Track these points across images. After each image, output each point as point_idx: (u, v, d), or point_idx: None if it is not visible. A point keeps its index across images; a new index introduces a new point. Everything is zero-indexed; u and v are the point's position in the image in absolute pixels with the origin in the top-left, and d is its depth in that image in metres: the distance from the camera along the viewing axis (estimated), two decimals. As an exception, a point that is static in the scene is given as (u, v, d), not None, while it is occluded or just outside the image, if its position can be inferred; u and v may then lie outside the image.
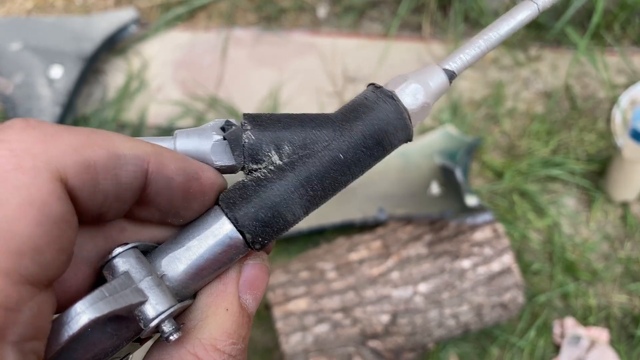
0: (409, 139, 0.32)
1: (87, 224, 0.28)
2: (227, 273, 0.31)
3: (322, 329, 1.20)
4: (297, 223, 0.30)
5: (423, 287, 1.22)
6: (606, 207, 1.50)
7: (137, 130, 1.68)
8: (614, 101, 1.61)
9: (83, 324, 0.25)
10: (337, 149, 0.30)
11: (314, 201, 0.30)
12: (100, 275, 0.29)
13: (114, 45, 1.78)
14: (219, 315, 0.29)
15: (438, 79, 0.32)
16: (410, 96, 0.32)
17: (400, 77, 0.32)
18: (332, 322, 1.20)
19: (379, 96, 0.32)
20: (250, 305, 0.31)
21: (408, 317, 1.21)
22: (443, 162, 1.43)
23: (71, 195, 0.25)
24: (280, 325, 1.19)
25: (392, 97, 0.31)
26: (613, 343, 1.33)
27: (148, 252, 0.30)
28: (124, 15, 1.76)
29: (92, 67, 1.73)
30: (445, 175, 1.40)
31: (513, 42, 1.75)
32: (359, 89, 1.72)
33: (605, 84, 1.66)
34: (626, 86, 1.63)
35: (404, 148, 1.47)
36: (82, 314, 0.25)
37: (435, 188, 1.38)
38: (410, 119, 0.31)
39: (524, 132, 1.61)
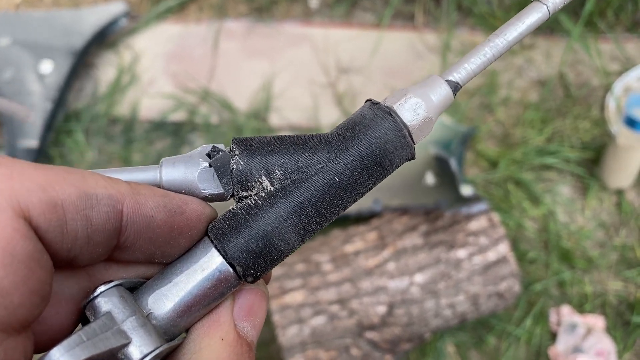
0: (411, 157, 0.30)
1: (60, 268, 0.26)
2: (221, 303, 0.29)
3: (318, 321, 1.19)
4: (292, 252, 0.28)
5: (419, 278, 1.21)
6: (601, 195, 1.50)
7: (129, 124, 1.66)
8: (607, 88, 1.61)
9: None
10: (332, 171, 0.28)
11: (309, 228, 0.28)
12: (84, 314, 0.27)
13: (105, 39, 1.77)
14: (214, 346, 0.27)
15: (440, 92, 0.30)
16: (410, 111, 0.29)
17: (400, 92, 0.30)
18: (328, 314, 1.20)
19: (376, 113, 0.29)
20: (249, 333, 0.29)
21: (404, 307, 1.21)
22: (437, 152, 1.43)
23: (37, 234, 0.23)
24: (277, 318, 1.19)
25: (390, 114, 0.29)
26: (609, 330, 1.33)
27: (136, 288, 0.28)
28: (114, 8, 1.74)
29: (82, 61, 1.71)
30: (440, 165, 1.40)
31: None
32: (353, 79, 1.72)
33: (599, 71, 1.66)
34: (620, 73, 1.63)
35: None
36: None
37: (430, 178, 1.38)
38: (411, 136, 0.29)
39: (518, 121, 1.61)
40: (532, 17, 0.30)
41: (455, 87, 0.30)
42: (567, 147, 1.55)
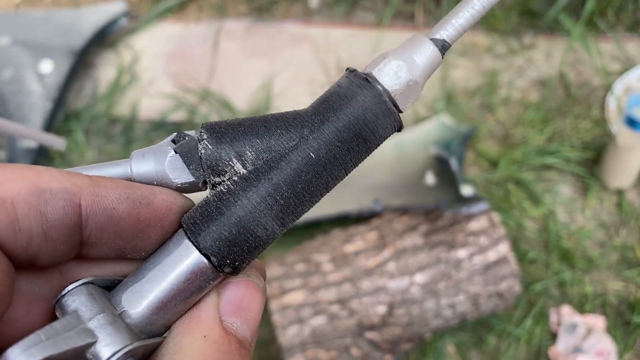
0: (397, 126, 0.27)
1: (23, 269, 0.25)
2: (204, 298, 0.27)
3: (318, 321, 1.19)
4: (274, 238, 0.27)
5: (419, 278, 1.21)
6: (601, 195, 1.50)
7: (129, 124, 1.66)
8: (608, 88, 1.60)
9: None
10: (306, 147, 0.26)
11: (288, 210, 0.26)
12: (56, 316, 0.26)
13: (105, 38, 1.76)
14: (195, 344, 0.25)
15: (425, 52, 0.27)
16: (391, 75, 0.26)
17: (380, 57, 0.27)
18: (328, 314, 1.19)
19: (353, 81, 0.27)
20: (239, 329, 0.27)
21: (405, 307, 1.21)
22: (438, 152, 1.42)
23: None
24: (276, 318, 1.19)
25: (366, 80, 0.27)
26: (609, 330, 1.33)
27: (113, 287, 0.27)
28: (114, 8, 1.74)
29: (82, 61, 1.71)
30: (440, 165, 1.40)
31: (507, 30, 1.75)
32: (353, 79, 1.71)
33: (599, 71, 1.66)
34: (620, 73, 1.63)
35: (398, 138, 1.46)
36: None
37: (430, 178, 1.38)
38: (394, 102, 0.27)
39: (519, 121, 1.61)
40: None
41: (443, 46, 0.27)
42: (568, 147, 1.55)
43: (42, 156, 1.57)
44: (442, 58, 0.27)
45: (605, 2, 1.68)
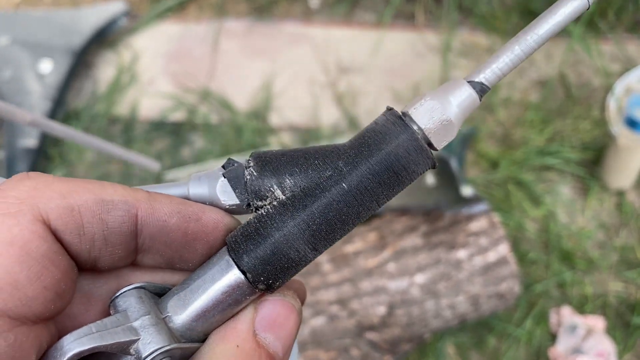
0: (430, 163, 0.29)
1: (91, 270, 0.28)
2: (242, 312, 0.29)
3: (318, 321, 1.19)
4: (306, 261, 0.28)
5: (419, 278, 1.21)
6: (601, 195, 1.50)
7: (129, 124, 1.66)
8: (608, 89, 1.60)
9: (66, 357, 0.25)
10: (339, 178, 0.28)
11: (319, 236, 0.28)
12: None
13: (104, 38, 1.76)
14: (229, 352, 0.28)
15: (461, 94, 0.28)
16: (425, 115, 0.28)
17: (419, 97, 0.29)
18: (328, 314, 1.19)
19: (389, 118, 0.29)
20: (272, 344, 0.29)
21: (404, 308, 1.20)
22: (438, 153, 1.42)
23: (56, 237, 0.26)
24: (276, 318, 1.19)
25: (401, 118, 0.28)
26: (609, 331, 1.33)
27: (163, 294, 0.30)
28: (114, 7, 1.74)
29: (82, 60, 1.71)
30: (441, 166, 1.40)
31: (506, 30, 1.74)
32: (353, 79, 1.71)
33: (599, 71, 1.66)
34: (620, 74, 1.62)
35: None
36: (67, 347, 0.25)
37: (430, 178, 1.37)
38: (428, 141, 0.28)
39: (519, 121, 1.61)
40: (567, 8, 0.27)
41: (481, 89, 0.28)
42: (568, 147, 1.54)
43: (41, 156, 1.56)
44: (480, 100, 0.29)
45: (606, 3, 1.68)
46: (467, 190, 1.29)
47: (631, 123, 1.39)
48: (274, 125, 1.65)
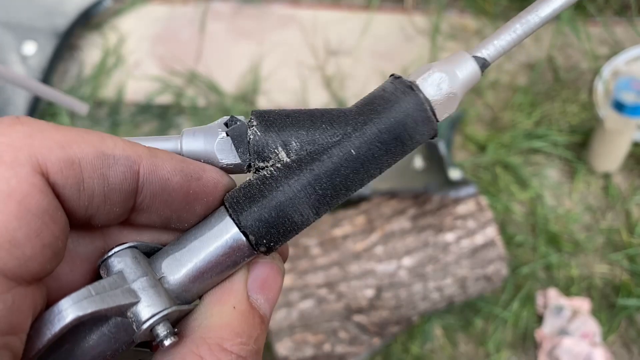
0: (434, 133, 0.29)
1: (77, 227, 0.27)
2: (236, 272, 0.29)
3: (307, 304, 1.19)
4: (307, 225, 0.28)
5: (407, 261, 1.22)
6: (588, 178, 1.51)
7: (115, 107, 1.64)
8: (596, 72, 1.61)
9: (65, 322, 0.24)
10: (349, 144, 0.28)
11: (324, 201, 0.28)
12: (99, 274, 0.28)
13: (89, 20, 1.74)
14: (226, 313, 0.28)
15: (467, 67, 0.29)
16: (433, 86, 0.28)
17: (424, 67, 0.29)
18: (316, 297, 1.20)
19: (398, 87, 0.28)
20: (262, 306, 0.29)
21: (392, 291, 1.21)
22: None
23: (55, 191, 0.24)
24: (264, 302, 1.19)
25: (411, 88, 0.28)
26: (594, 312, 1.35)
27: (152, 253, 0.29)
28: (98, -12, 1.71)
29: (66, 42, 1.68)
30: (429, 149, 1.40)
31: (495, 12, 1.74)
32: (341, 62, 1.70)
33: (587, 54, 1.66)
34: (608, 57, 1.63)
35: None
36: (65, 311, 0.24)
37: (418, 162, 1.37)
38: (433, 112, 0.28)
39: (507, 105, 1.61)
40: None
41: (483, 64, 0.29)
42: (556, 130, 1.55)
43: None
44: (482, 75, 0.29)
45: (595, -15, 1.67)
46: (455, 174, 1.29)
47: (618, 106, 1.39)
48: (262, 109, 1.64)
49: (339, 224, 1.27)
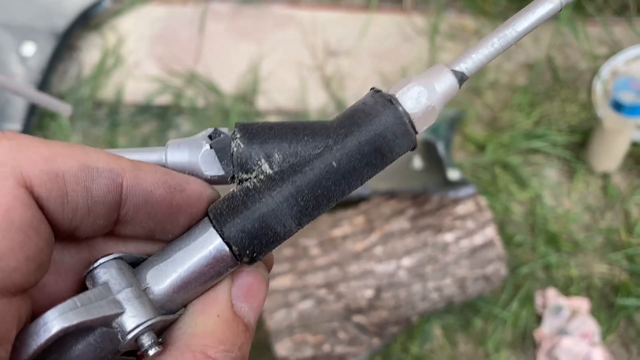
0: (413, 145, 0.30)
1: (62, 239, 0.27)
2: (220, 282, 0.29)
3: (306, 305, 1.19)
4: (290, 235, 0.29)
5: (406, 261, 1.22)
6: (587, 178, 1.51)
7: (114, 108, 1.64)
8: (595, 72, 1.61)
9: (51, 333, 0.24)
10: (330, 156, 0.28)
11: (305, 212, 0.28)
12: (85, 285, 0.28)
13: (88, 20, 1.73)
14: (210, 322, 0.28)
15: (445, 81, 0.29)
16: (412, 99, 0.29)
17: (403, 81, 0.30)
18: (316, 298, 1.20)
19: (378, 100, 0.29)
20: (246, 314, 0.29)
21: (392, 291, 1.21)
22: (425, 136, 1.42)
23: (39, 204, 0.24)
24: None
25: (390, 101, 0.29)
26: (593, 312, 1.35)
27: (138, 264, 0.29)
28: (98, -11, 1.71)
29: (66, 43, 1.68)
30: (428, 149, 1.40)
31: (494, 13, 1.74)
32: (340, 62, 1.70)
33: (586, 54, 1.66)
34: (607, 57, 1.63)
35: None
36: (51, 323, 0.24)
37: (417, 162, 1.38)
38: (412, 125, 0.29)
39: (506, 105, 1.61)
40: (543, 8, 0.29)
41: (461, 78, 0.30)
42: (555, 130, 1.55)
43: (25, 140, 1.54)
44: (459, 88, 0.30)
45: (594, -15, 1.67)
46: (454, 174, 1.29)
47: (617, 106, 1.39)
48: (261, 109, 1.64)
49: (338, 224, 1.27)
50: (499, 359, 1.32)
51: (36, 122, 1.59)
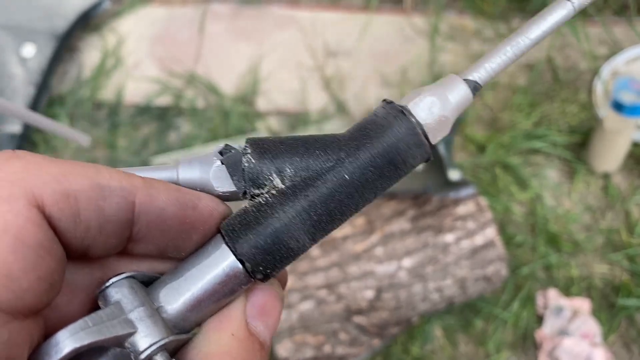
0: (427, 157, 0.29)
1: (75, 259, 0.27)
2: (234, 300, 0.29)
3: (306, 306, 1.19)
4: (304, 251, 0.28)
5: (407, 262, 1.22)
6: (588, 178, 1.51)
7: (114, 109, 1.64)
8: (595, 72, 1.61)
9: (63, 354, 0.24)
10: (342, 169, 0.28)
11: (319, 226, 0.28)
12: (97, 304, 0.28)
13: (88, 21, 1.73)
14: (224, 341, 0.28)
15: (458, 91, 0.29)
16: (425, 110, 0.28)
17: (415, 91, 0.29)
18: (316, 299, 1.20)
19: (389, 112, 0.29)
20: (261, 332, 0.29)
21: (392, 292, 1.21)
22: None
23: (51, 224, 0.24)
24: (264, 303, 1.19)
25: (402, 112, 0.28)
26: (594, 312, 1.35)
27: (151, 283, 0.29)
28: (97, -10, 1.71)
29: (66, 44, 1.68)
30: (428, 150, 1.40)
31: (494, 13, 1.74)
32: (340, 63, 1.70)
33: (586, 55, 1.66)
34: (607, 57, 1.63)
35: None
36: (62, 343, 0.24)
37: (418, 162, 1.37)
38: (426, 135, 0.29)
39: (506, 105, 1.61)
40: (556, 14, 0.29)
41: (475, 87, 0.29)
42: (555, 131, 1.55)
43: (25, 141, 1.54)
44: (473, 98, 0.30)
45: (594, -15, 1.67)
46: (454, 174, 1.29)
47: (617, 106, 1.39)
48: (261, 110, 1.64)
49: (338, 225, 1.27)
50: (499, 359, 1.32)
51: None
